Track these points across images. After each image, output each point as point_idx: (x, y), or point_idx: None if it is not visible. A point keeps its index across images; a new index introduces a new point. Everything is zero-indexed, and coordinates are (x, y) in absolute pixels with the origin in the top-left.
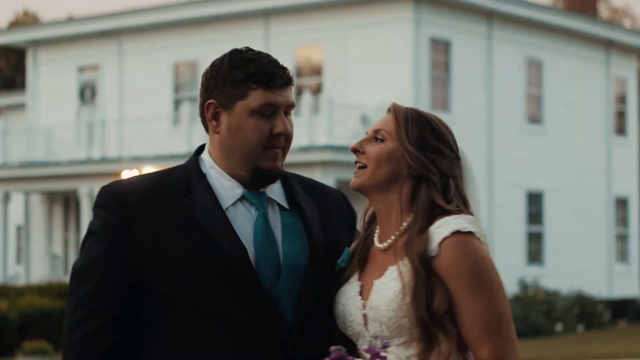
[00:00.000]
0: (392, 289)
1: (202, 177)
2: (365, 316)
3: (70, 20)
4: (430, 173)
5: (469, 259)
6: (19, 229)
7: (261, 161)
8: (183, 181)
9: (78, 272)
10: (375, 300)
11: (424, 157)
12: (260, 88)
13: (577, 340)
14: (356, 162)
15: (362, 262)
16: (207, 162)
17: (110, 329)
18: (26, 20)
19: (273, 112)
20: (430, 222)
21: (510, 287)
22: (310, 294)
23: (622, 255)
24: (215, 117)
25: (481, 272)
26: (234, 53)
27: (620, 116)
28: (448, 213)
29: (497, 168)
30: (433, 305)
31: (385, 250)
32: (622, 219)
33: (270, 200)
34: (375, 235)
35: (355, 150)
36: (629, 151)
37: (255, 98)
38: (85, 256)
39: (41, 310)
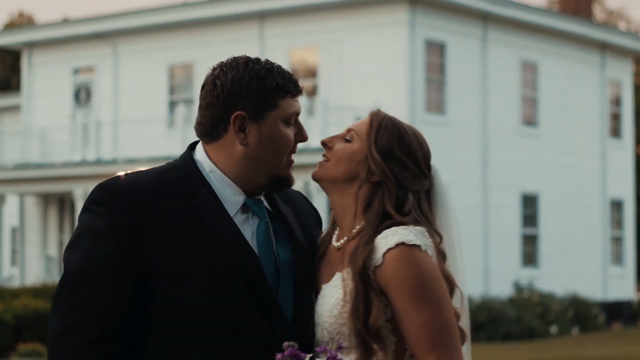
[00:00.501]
0: (334, 296)
1: (204, 181)
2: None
3: (65, 22)
4: (388, 180)
5: (411, 272)
6: (13, 230)
7: (283, 169)
8: (185, 184)
9: (76, 273)
10: (321, 306)
11: (384, 165)
12: (287, 97)
13: (572, 342)
14: (323, 155)
15: (319, 262)
16: (207, 165)
17: (113, 335)
18: (21, 21)
19: (295, 119)
20: (380, 232)
21: (505, 289)
22: (306, 300)
23: (617, 257)
24: (242, 128)
25: (424, 285)
26: (249, 64)
27: (615, 118)
28: (399, 224)
29: (492, 170)
30: (369, 319)
31: (339, 249)
32: (617, 221)
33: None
34: (335, 234)
35: (324, 144)
36: (624, 153)
37: (286, 107)
38: (84, 256)
39: (36, 312)
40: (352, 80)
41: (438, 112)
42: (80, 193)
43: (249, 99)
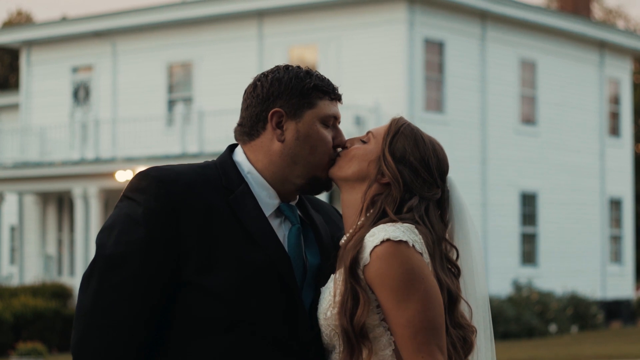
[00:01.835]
0: (327, 298)
1: (242, 179)
2: None
3: (64, 20)
4: (396, 182)
5: (395, 269)
6: (12, 229)
7: (322, 171)
8: (223, 180)
9: (110, 257)
10: (318, 309)
11: (395, 167)
12: (325, 98)
13: (571, 341)
14: (339, 154)
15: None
16: (245, 166)
17: (143, 320)
18: (20, 20)
19: (333, 123)
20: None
21: (504, 287)
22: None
23: (616, 256)
24: (280, 125)
25: (408, 282)
26: (289, 67)
27: (614, 117)
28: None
29: (491, 169)
30: (354, 318)
31: (342, 248)
32: (616, 220)
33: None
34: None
35: (344, 146)
36: (623, 152)
37: (323, 107)
38: (119, 240)
39: (35, 311)
40: (350, 78)
41: (437, 110)
42: (79, 192)
43: (287, 96)
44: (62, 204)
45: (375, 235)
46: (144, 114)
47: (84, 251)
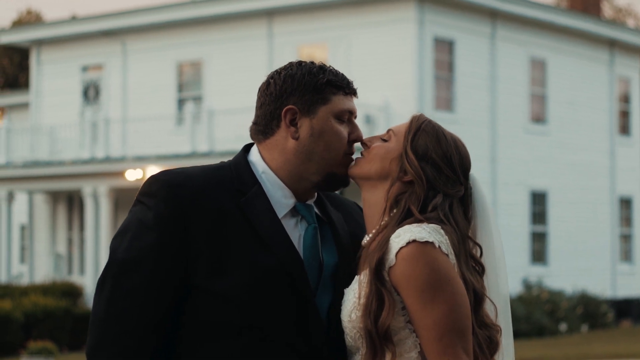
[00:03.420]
0: (351, 300)
1: (255, 181)
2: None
3: (74, 19)
4: (419, 180)
5: (421, 270)
6: (22, 228)
7: (338, 167)
8: (236, 181)
9: (122, 262)
10: (342, 310)
11: (418, 164)
12: (340, 93)
13: (581, 340)
14: (361, 153)
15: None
16: (260, 166)
17: (156, 326)
18: (29, 19)
19: (349, 118)
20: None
21: (514, 286)
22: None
23: (626, 255)
24: (294, 122)
25: (434, 284)
26: (302, 63)
27: (624, 116)
28: (419, 223)
29: (500, 168)
30: (379, 320)
31: (364, 248)
32: (626, 219)
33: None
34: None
35: (364, 144)
36: (633, 151)
37: (337, 102)
38: (131, 245)
39: (45, 310)
40: (360, 77)
41: (447, 109)
42: (89, 190)
43: (301, 93)
44: (72, 203)
45: (401, 237)
46: (154, 113)
47: (94, 250)
